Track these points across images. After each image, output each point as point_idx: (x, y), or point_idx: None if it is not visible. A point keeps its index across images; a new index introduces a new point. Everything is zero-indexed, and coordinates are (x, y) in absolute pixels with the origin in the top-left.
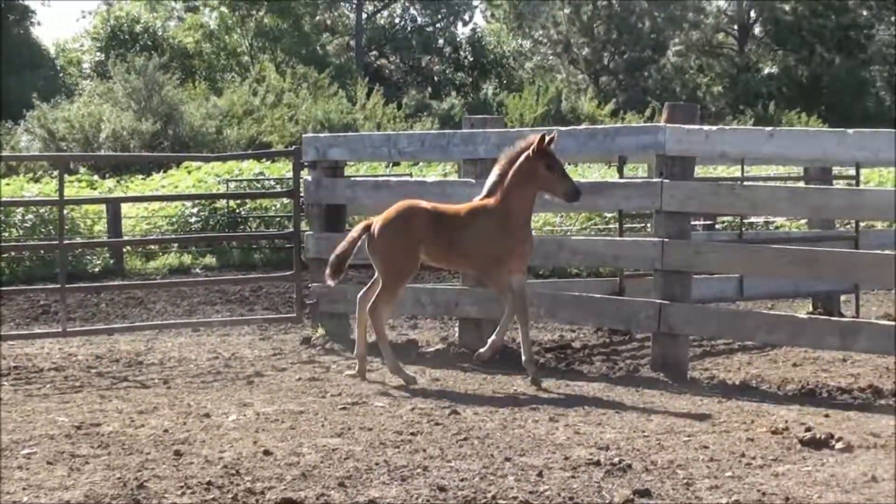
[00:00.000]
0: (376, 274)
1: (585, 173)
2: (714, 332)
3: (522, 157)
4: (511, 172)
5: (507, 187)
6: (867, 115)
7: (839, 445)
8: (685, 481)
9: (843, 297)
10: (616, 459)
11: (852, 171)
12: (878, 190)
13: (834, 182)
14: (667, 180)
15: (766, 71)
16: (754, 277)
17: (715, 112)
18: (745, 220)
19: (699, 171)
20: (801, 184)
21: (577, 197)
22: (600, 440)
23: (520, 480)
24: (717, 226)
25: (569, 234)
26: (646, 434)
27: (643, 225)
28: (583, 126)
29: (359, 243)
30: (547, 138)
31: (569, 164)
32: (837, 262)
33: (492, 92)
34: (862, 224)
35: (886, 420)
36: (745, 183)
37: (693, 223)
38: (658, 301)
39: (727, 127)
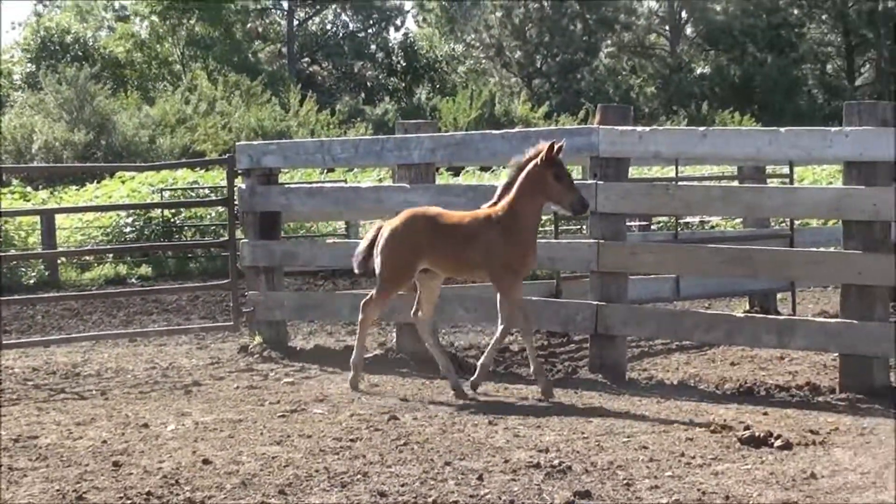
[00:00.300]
0: (418, 288)
1: None
2: (651, 332)
3: (531, 166)
4: (519, 181)
5: (514, 196)
6: (799, 114)
7: (778, 443)
8: (625, 482)
9: (779, 296)
10: (556, 461)
11: (786, 170)
12: (811, 188)
13: (768, 181)
14: (601, 182)
15: (699, 71)
16: (690, 277)
17: (648, 113)
18: (680, 221)
19: (633, 171)
20: (735, 183)
21: (584, 209)
22: (540, 442)
23: (460, 484)
24: (652, 226)
25: None
26: (585, 436)
27: (579, 227)
28: (516, 129)
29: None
30: (556, 147)
31: (504, 167)
32: (773, 261)
33: (425, 96)
34: (796, 222)
35: (825, 417)
36: (680, 183)
37: (628, 224)
38: (595, 302)
39: (660, 127)
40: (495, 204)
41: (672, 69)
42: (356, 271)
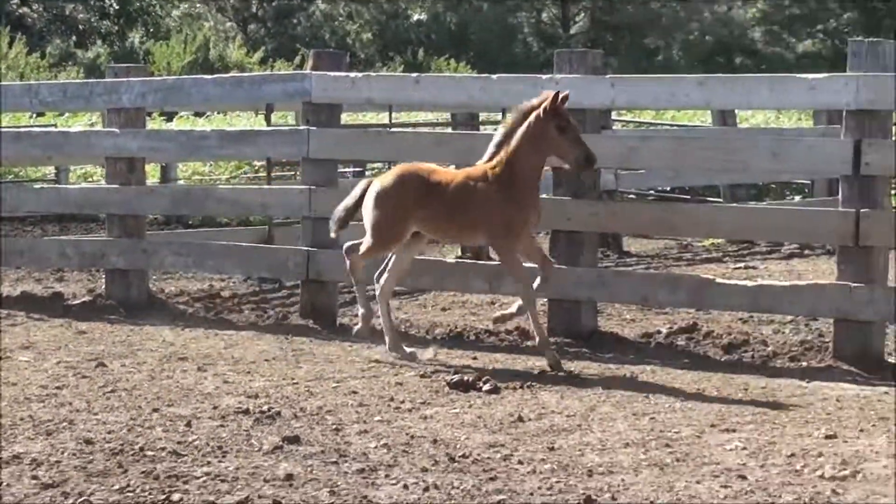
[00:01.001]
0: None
1: (234, 122)
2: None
3: (532, 117)
4: (518, 134)
5: (512, 150)
6: (515, 61)
7: (486, 387)
8: (334, 427)
9: None
10: (265, 407)
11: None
12: None
13: (482, 127)
14: (313, 128)
15: (416, 18)
16: None
17: (365, 59)
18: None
19: (348, 118)
20: (449, 130)
21: (590, 165)
22: (249, 389)
23: (168, 431)
24: (367, 173)
25: (217, 183)
26: (295, 381)
27: (293, 173)
28: (230, 74)
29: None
30: (560, 96)
31: (217, 112)
32: None
33: (138, 40)
34: None
35: (533, 361)
36: (392, 129)
37: (344, 170)
38: (306, 248)
39: (373, 74)
40: (491, 159)
41: (389, 15)
42: (333, 229)
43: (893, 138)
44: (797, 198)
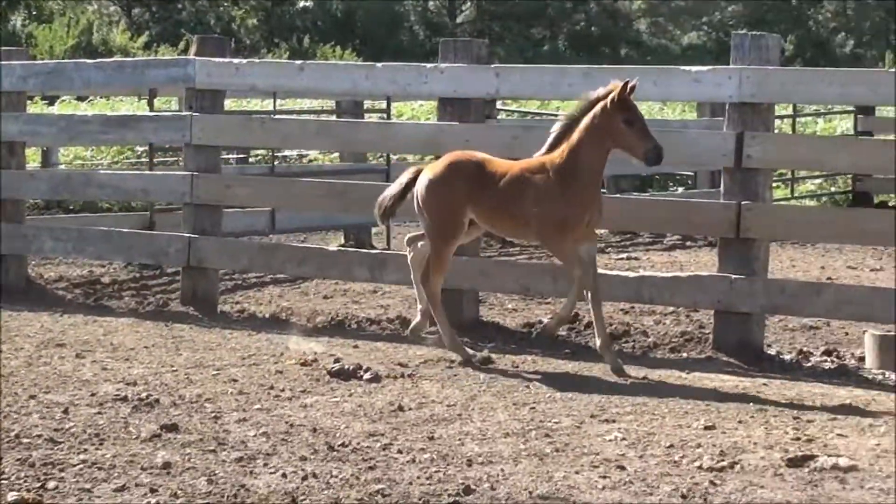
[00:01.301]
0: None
1: (116, 107)
2: (244, 265)
3: (598, 108)
4: (582, 125)
5: (576, 142)
6: (401, 50)
7: (367, 376)
8: (213, 415)
9: (374, 230)
10: (144, 395)
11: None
12: (407, 123)
13: (367, 116)
14: (196, 114)
15: (301, 4)
16: (286, 211)
17: (250, 45)
18: (277, 154)
19: (233, 104)
20: (334, 117)
21: (659, 160)
22: (128, 376)
23: (45, 418)
24: (250, 159)
25: (99, 168)
26: (174, 369)
27: (176, 159)
28: (113, 59)
29: (410, 190)
30: (629, 86)
31: (99, 97)
32: (366, 195)
33: (20, 23)
34: (394, 157)
35: (414, 350)
36: (276, 116)
37: (227, 157)
38: (187, 235)
39: (258, 60)
40: (550, 151)
41: (274, 2)
42: (378, 218)
43: (775, 131)
44: (680, 189)
